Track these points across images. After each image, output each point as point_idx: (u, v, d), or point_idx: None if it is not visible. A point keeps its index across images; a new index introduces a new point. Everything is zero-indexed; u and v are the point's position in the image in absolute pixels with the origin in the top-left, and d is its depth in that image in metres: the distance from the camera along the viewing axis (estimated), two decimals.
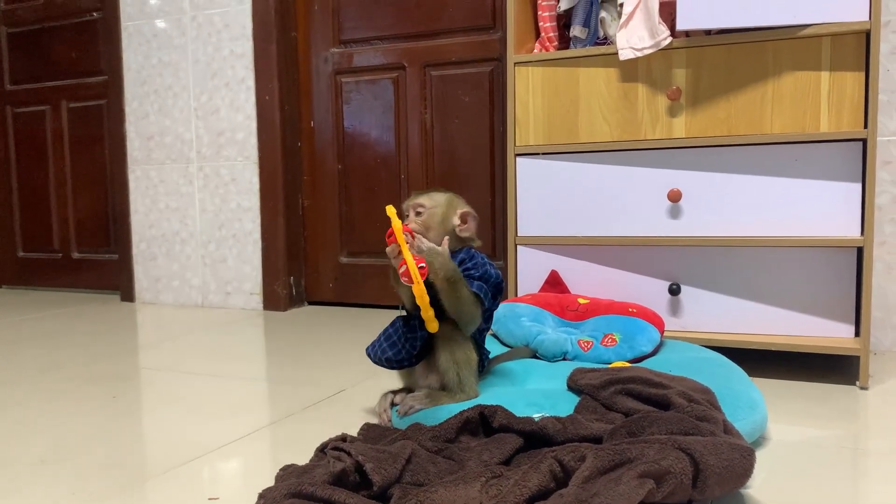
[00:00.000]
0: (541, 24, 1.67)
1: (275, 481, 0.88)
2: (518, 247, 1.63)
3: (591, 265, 1.59)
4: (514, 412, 1.00)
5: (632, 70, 1.51)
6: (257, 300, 2.44)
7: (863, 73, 1.36)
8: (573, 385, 1.11)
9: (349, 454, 0.85)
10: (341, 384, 1.46)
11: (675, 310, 1.53)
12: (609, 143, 1.54)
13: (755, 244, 1.44)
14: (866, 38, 1.35)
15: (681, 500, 0.77)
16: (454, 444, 0.95)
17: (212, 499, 0.91)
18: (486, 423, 0.99)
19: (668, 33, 1.46)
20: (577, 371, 1.13)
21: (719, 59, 1.45)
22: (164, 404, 1.34)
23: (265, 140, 2.37)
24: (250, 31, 2.37)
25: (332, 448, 0.89)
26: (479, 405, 1.00)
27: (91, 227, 2.88)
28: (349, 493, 0.78)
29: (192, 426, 1.21)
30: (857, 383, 1.37)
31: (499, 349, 1.40)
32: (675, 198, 1.49)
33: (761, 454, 1.04)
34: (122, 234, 2.65)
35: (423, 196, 1.16)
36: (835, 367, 1.51)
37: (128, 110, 2.60)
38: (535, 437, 0.94)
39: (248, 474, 1.00)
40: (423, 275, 1.03)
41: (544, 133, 1.59)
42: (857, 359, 1.39)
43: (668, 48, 1.46)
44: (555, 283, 1.60)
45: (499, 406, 0.99)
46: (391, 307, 2.33)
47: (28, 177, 2.99)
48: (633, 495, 0.71)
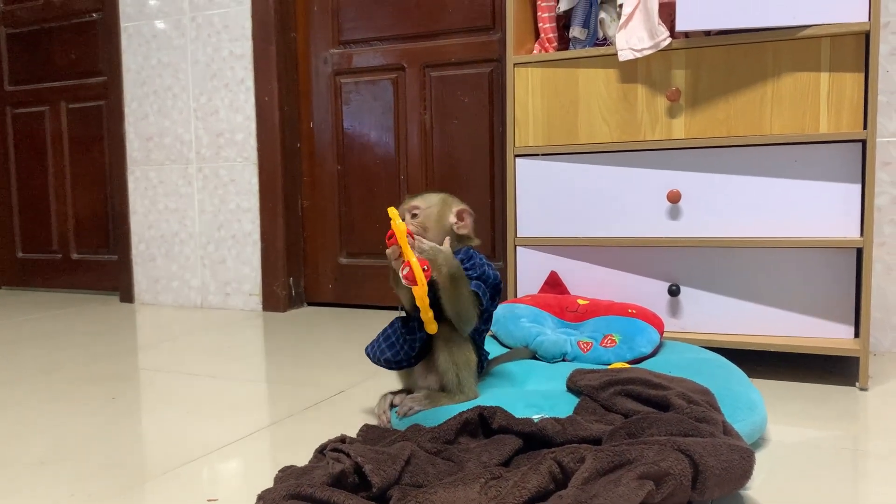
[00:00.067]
0: (540, 24, 1.67)
1: (274, 482, 0.87)
2: (517, 248, 1.63)
3: (591, 266, 1.59)
4: (514, 413, 1.00)
5: (631, 71, 1.51)
6: (256, 301, 2.44)
7: (862, 74, 1.36)
8: (572, 386, 1.11)
9: (348, 455, 0.85)
10: (340, 385, 1.46)
11: (674, 311, 1.53)
12: (608, 143, 1.54)
13: (755, 245, 1.44)
14: (866, 39, 1.35)
15: (680, 501, 0.77)
16: (453, 445, 0.95)
17: (211, 500, 0.91)
18: (486, 424, 0.98)
19: (667, 34, 1.46)
20: (576, 372, 1.13)
21: (719, 60, 1.45)
22: (164, 405, 1.34)
23: (264, 141, 2.37)
24: (250, 32, 2.37)
25: (332, 449, 0.89)
26: (479, 406, 1.00)
27: (90, 228, 2.88)
28: (348, 494, 0.78)
29: (192, 427, 1.21)
30: (857, 384, 1.37)
31: (498, 350, 1.40)
32: (674, 199, 1.49)
33: (761, 455, 1.04)
34: (122, 235, 2.65)
35: (416, 198, 1.16)
36: (834, 368, 1.51)
37: (127, 111, 2.60)
38: (534, 439, 0.94)
39: (248, 475, 1.00)
40: (427, 276, 1.03)
41: (544, 134, 1.59)
42: (856, 360, 1.39)
43: (667, 49, 1.46)
44: (554, 284, 1.60)
45: (498, 407, 0.99)
46: (390, 308, 2.33)
47: (27, 177, 2.99)
48: (632, 496, 0.71)
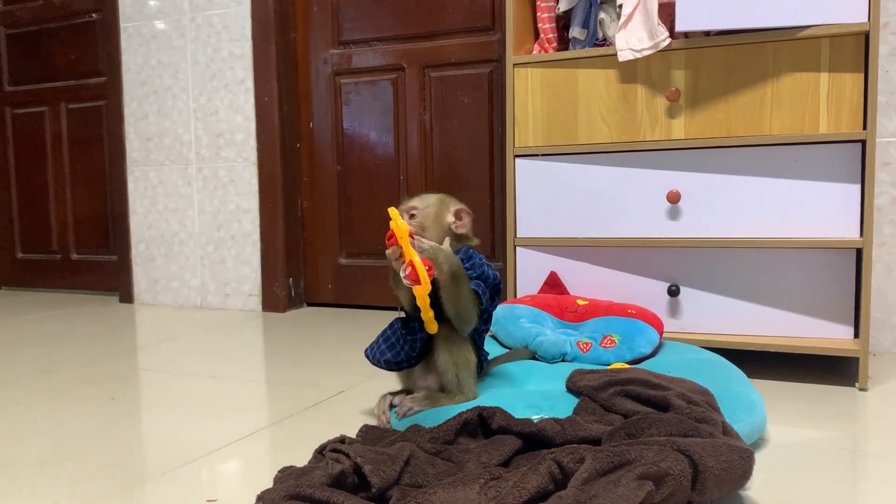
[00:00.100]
0: (540, 25, 1.67)
1: (273, 483, 0.87)
2: (517, 248, 1.63)
3: (591, 266, 1.59)
4: (513, 414, 1.00)
5: (631, 71, 1.51)
6: (256, 301, 2.44)
7: (862, 75, 1.36)
8: (572, 386, 1.11)
9: (348, 456, 0.85)
10: (340, 385, 1.46)
11: (674, 311, 1.53)
12: (608, 144, 1.54)
13: (754, 245, 1.44)
14: (865, 39, 1.35)
15: (680, 501, 0.77)
16: (453, 445, 0.95)
17: (210, 501, 0.91)
18: (485, 424, 0.98)
19: (667, 34, 1.46)
20: (576, 372, 1.13)
21: (718, 61, 1.45)
22: (163, 405, 1.34)
23: (264, 141, 2.37)
24: (249, 33, 2.37)
25: (331, 450, 0.89)
26: (478, 406, 0.99)
27: (90, 228, 2.87)
28: (348, 494, 0.78)
29: (191, 427, 1.21)
30: (857, 385, 1.37)
31: (498, 350, 1.40)
32: (674, 199, 1.49)
33: (760, 456, 1.04)
34: (121, 236, 2.65)
35: (414, 199, 1.16)
36: (834, 369, 1.51)
37: (127, 111, 2.60)
38: (533, 439, 0.94)
39: (247, 476, 1.00)
40: (430, 276, 1.03)
41: (543, 134, 1.59)
42: (856, 360, 1.39)
43: (667, 49, 1.46)
44: (554, 284, 1.60)
45: (498, 408, 0.99)
46: (390, 308, 2.33)
47: (27, 178, 2.99)
48: (632, 497, 0.71)
